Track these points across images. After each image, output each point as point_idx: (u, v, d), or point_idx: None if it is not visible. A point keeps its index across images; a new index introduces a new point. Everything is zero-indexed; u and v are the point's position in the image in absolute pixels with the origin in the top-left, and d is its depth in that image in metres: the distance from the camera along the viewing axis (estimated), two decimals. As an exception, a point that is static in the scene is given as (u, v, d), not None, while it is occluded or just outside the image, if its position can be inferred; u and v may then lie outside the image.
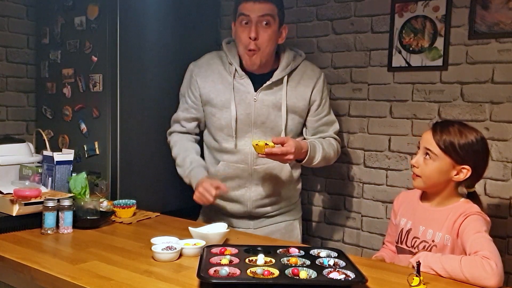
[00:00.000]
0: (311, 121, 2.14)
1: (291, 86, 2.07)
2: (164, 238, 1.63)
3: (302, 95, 2.09)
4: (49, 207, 1.78)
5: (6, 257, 1.52)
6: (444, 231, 1.65)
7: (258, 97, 2.05)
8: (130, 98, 2.44)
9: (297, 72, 2.10)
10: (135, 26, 2.44)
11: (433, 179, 1.68)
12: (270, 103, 2.05)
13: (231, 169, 2.09)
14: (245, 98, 2.05)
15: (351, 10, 2.58)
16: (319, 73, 2.15)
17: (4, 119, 2.74)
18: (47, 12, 2.66)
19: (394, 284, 1.38)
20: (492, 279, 1.38)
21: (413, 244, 1.73)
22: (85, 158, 2.49)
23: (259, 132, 2.07)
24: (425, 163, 1.68)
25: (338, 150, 2.19)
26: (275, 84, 2.06)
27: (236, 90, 2.06)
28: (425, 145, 1.68)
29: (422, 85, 2.38)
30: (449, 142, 1.64)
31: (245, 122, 2.06)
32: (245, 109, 2.05)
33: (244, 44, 2.00)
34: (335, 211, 2.71)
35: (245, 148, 2.06)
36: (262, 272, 1.30)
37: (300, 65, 2.12)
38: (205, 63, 2.16)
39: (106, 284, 1.32)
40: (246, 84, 2.06)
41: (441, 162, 1.65)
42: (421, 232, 1.72)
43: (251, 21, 1.97)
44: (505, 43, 2.16)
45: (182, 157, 2.14)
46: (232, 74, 2.07)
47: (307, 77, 2.11)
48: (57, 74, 2.61)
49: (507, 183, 2.19)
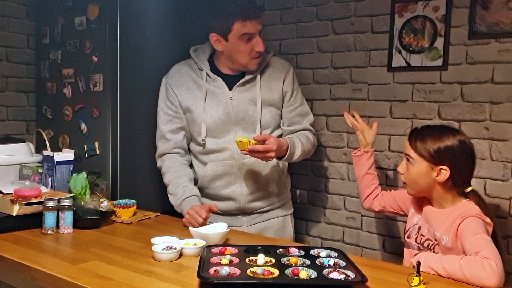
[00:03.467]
0: (285, 112, 2.22)
1: (264, 81, 2.16)
2: (164, 238, 1.63)
3: (275, 87, 2.18)
4: (49, 207, 1.78)
5: (6, 257, 1.52)
6: (442, 232, 1.67)
7: (234, 95, 2.12)
8: (130, 98, 2.44)
9: (268, 68, 2.18)
10: (135, 26, 2.44)
11: (418, 183, 1.73)
12: (246, 99, 2.13)
13: (220, 167, 2.15)
14: (221, 98, 2.12)
15: (351, 10, 2.58)
16: (288, 66, 2.25)
17: (4, 119, 2.74)
18: (47, 12, 2.66)
19: (394, 284, 1.38)
20: (492, 279, 1.38)
21: (420, 241, 1.77)
22: (85, 158, 2.49)
23: (240, 129, 2.13)
24: (407, 168, 1.75)
25: (314, 143, 2.26)
26: (248, 82, 2.13)
27: (211, 93, 2.13)
28: (405, 151, 1.76)
29: (422, 85, 2.38)
30: (422, 145, 1.69)
31: (225, 121, 2.13)
32: (223, 108, 2.12)
33: (250, 55, 2.08)
34: (335, 211, 2.71)
35: (230, 144, 2.12)
36: (262, 272, 1.30)
37: (269, 61, 2.19)
38: (176, 73, 2.20)
39: (106, 284, 1.32)
40: (220, 85, 2.13)
41: (419, 165, 1.70)
42: (426, 230, 1.76)
43: (255, 36, 2.05)
44: (505, 43, 2.16)
45: (174, 185, 2.12)
46: (204, 79, 2.13)
47: (277, 71, 2.19)
48: (57, 74, 2.61)
49: (507, 183, 2.19)
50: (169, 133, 2.17)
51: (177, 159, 2.18)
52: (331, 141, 2.68)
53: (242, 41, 2.04)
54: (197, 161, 2.22)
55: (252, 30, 2.03)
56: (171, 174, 2.14)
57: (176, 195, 2.09)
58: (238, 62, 2.10)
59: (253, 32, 2.04)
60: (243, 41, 2.04)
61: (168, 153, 2.18)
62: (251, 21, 2.02)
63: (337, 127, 2.66)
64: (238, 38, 2.04)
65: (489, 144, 2.22)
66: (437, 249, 1.68)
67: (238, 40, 2.04)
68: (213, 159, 2.15)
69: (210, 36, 2.10)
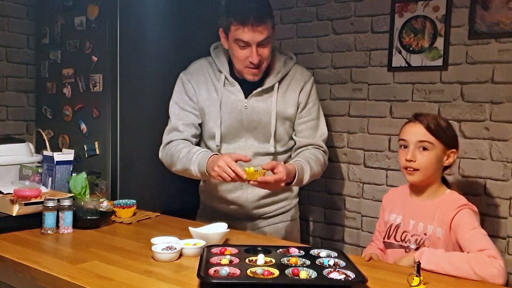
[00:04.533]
0: (296, 123, 2.10)
1: (281, 92, 2.05)
2: (164, 238, 1.63)
3: (291, 100, 2.06)
4: (49, 207, 1.78)
5: (6, 257, 1.52)
6: (435, 224, 1.69)
7: (249, 104, 2.02)
8: (130, 98, 2.44)
9: (287, 78, 2.07)
10: (135, 26, 2.44)
11: (431, 169, 1.73)
12: (261, 109, 2.03)
13: None
14: (236, 105, 2.03)
15: (351, 10, 2.58)
16: (308, 76, 2.12)
17: (4, 119, 2.74)
18: (47, 12, 2.66)
19: (394, 284, 1.38)
20: (501, 277, 1.44)
21: (403, 238, 1.76)
22: (85, 158, 2.49)
23: (251, 137, 2.06)
24: (421, 155, 1.73)
25: (325, 163, 2.13)
26: (266, 91, 2.03)
27: (226, 98, 2.03)
28: (418, 138, 1.73)
29: (422, 85, 2.38)
30: (440, 129, 1.74)
31: (237, 128, 2.05)
32: (236, 116, 2.03)
33: (244, 63, 1.95)
34: (335, 211, 2.71)
35: (239, 150, 2.04)
36: (262, 272, 1.30)
37: (291, 70, 2.08)
38: (196, 71, 2.10)
39: (106, 284, 1.32)
40: (237, 92, 2.03)
41: (437, 150, 1.73)
42: (411, 226, 1.76)
43: (250, 46, 1.91)
44: (505, 43, 2.16)
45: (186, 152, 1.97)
46: (222, 82, 2.04)
47: (295, 82, 2.07)
48: (57, 74, 2.61)
49: (507, 183, 2.19)
50: (182, 125, 2.06)
51: (185, 142, 2.05)
52: (331, 141, 2.68)
53: (237, 45, 1.93)
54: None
55: (245, 38, 1.89)
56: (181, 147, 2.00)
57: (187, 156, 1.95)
58: (236, 66, 2.00)
59: (246, 41, 1.89)
60: (238, 46, 1.93)
61: (174, 140, 2.06)
62: (246, 27, 1.87)
63: (337, 127, 2.66)
64: (233, 41, 1.93)
65: (489, 144, 2.22)
66: (427, 243, 1.69)
67: (234, 43, 1.93)
68: None
69: (219, 31, 2.01)
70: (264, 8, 1.94)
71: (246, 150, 2.04)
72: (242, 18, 1.87)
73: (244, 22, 1.86)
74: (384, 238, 1.84)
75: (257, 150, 2.06)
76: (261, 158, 2.05)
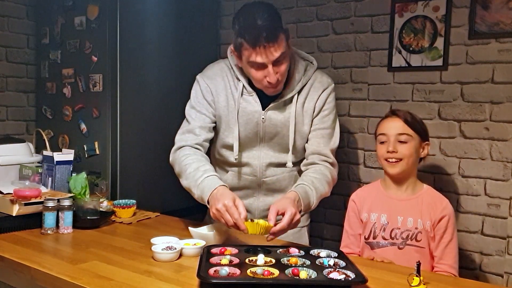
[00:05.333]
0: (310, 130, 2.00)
1: (300, 103, 1.95)
2: (164, 238, 1.63)
3: (308, 111, 1.96)
4: (49, 207, 1.78)
5: (6, 257, 1.52)
6: (424, 218, 1.79)
7: (266, 116, 1.93)
8: (130, 98, 2.44)
9: (307, 86, 1.97)
10: (135, 26, 2.44)
11: (412, 158, 1.85)
12: (279, 122, 1.94)
13: (240, 180, 2.02)
14: (252, 117, 1.93)
15: (351, 10, 2.58)
16: (327, 84, 2.00)
17: (4, 119, 2.74)
18: (47, 12, 2.66)
19: (394, 284, 1.38)
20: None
21: (393, 235, 1.81)
22: (85, 158, 2.49)
23: (266, 147, 1.98)
24: (402, 146, 1.84)
25: (333, 179, 1.96)
26: (284, 103, 1.93)
27: (243, 109, 1.94)
28: (397, 131, 1.86)
29: (422, 85, 2.38)
30: (416, 122, 1.89)
31: (253, 139, 1.97)
32: (252, 128, 1.95)
33: (262, 83, 1.84)
34: (335, 211, 2.71)
35: (253, 161, 1.99)
36: (262, 272, 1.30)
37: (310, 78, 1.97)
38: (216, 75, 1.98)
39: (106, 284, 1.32)
40: (254, 102, 1.93)
41: (415, 141, 1.87)
42: (400, 222, 1.82)
43: (266, 66, 1.78)
44: (505, 43, 2.16)
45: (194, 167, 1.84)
46: (240, 91, 1.93)
47: (314, 90, 1.97)
48: (57, 74, 2.61)
49: (507, 183, 2.19)
50: (199, 128, 1.95)
51: (197, 151, 1.93)
52: (331, 141, 2.68)
53: (252, 67, 1.81)
54: (218, 166, 2.08)
55: (259, 60, 1.76)
56: (190, 158, 1.87)
57: (195, 176, 1.81)
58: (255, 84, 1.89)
59: (261, 62, 1.76)
60: (253, 68, 1.81)
61: (188, 146, 1.93)
62: (259, 50, 1.74)
63: (337, 127, 2.66)
64: (247, 63, 1.81)
65: (489, 144, 2.22)
66: (420, 237, 1.78)
67: (248, 65, 1.81)
68: (234, 170, 2.02)
69: (230, 49, 1.90)
70: (274, 22, 1.78)
71: (260, 160, 1.98)
72: (253, 41, 1.73)
73: (256, 44, 1.74)
74: (368, 238, 1.86)
75: (272, 160, 1.98)
76: (274, 169, 2.00)
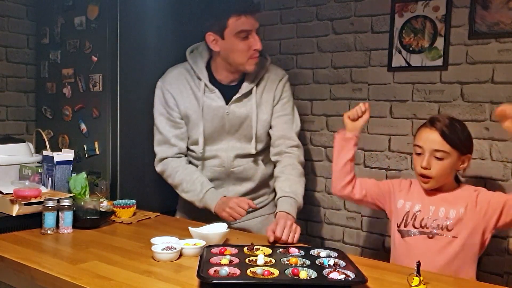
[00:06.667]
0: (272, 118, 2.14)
1: (259, 94, 2.10)
2: (164, 238, 1.63)
3: (268, 100, 2.12)
4: (49, 207, 1.78)
5: (6, 257, 1.52)
6: (458, 207, 1.75)
7: (230, 110, 2.07)
8: (130, 98, 2.44)
9: (264, 79, 2.12)
10: (135, 26, 2.44)
11: (445, 175, 1.77)
12: (242, 114, 2.08)
13: (209, 172, 2.14)
14: (217, 112, 2.07)
15: (351, 10, 2.58)
16: (282, 75, 2.17)
17: (4, 119, 2.74)
18: (47, 12, 2.66)
19: (394, 284, 1.38)
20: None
21: (423, 225, 1.80)
22: (85, 158, 2.49)
23: (233, 139, 2.11)
24: (436, 163, 1.75)
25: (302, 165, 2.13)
26: (245, 96, 2.08)
27: (208, 106, 2.07)
28: (434, 147, 1.74)
29: (422, 85, 2.38)
30: (457, 138, 1.75)
31: (220, 131, 2.10)
32: (219, 121, 2.08)
33: (248, 54, 2.01)
34: (335, 211, 2.71)
35: (221, 153, 2.11)
36: (262, 272, 1.30)
37: (266, 70, 2.13)
38: (174, 79, 2.12)
39: (106, 284, 1.32)
40: (217, 98, 2.07)
41: (452, 158, 1.75)
42: (432, 212, 1.80)
43: (251, 33, 1.99)
44: (505, 43, 2.16)
45: (188, 182, 2.07)
46: (202, 90, 2.07)
47: (271, 82, 2.13)
48: (57, 74, 2.61)
49: (507, 183, 2.19)
50: (174, 138, 2.12)
51: (182, 160, 2.14)
52: (331, 141, 2.67)
53: (238, 38, 1.98)
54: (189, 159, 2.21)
55: (248, 27, 1.97)
56: (181, 172, 2.09)
57: (195, 190, 2.05)
58: (235, 62, 2.04)
59: (249, 29, 1.97)
60: (239, 39, 1.98)
61: (170, 157, 2.13)
62: (247, 16, 1.96)
63: (337, 127, 2.65)
64: (234, 34, 1.97)
65: (489, 144, 2.22)
66: (451, 226, 1.75)
67: (234, 37, 1.98)
68: (204, 163, 2.14)
69: (207, 36, 2.04)
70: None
71: (228, 152, 2.11)
72: (242, 8, 1.95)
73: (245, 11, 1.95)
74: (399, 226, 1.86)
75: (239, 151, 2.11)
76: (241, 159, 2.12)
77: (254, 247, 1.53)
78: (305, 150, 2.73)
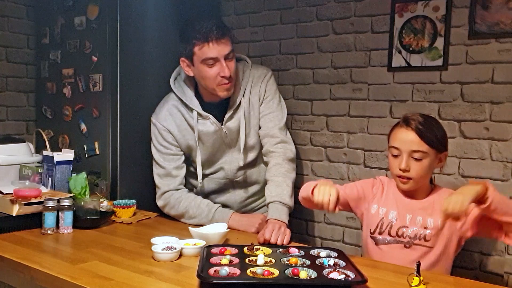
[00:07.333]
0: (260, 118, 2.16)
1: (246, 102, 2.10)
2: (164, 238, 1.64)
3: (255, 102, 2.13)
4: (49, 207, 1.78)
5: (6, 257, 1.52)
6: (435, 216, 1.70)
7: (226, 127, 2.09)
8: (130, 98, 2.44)
9: (248, 85, 2.11)
10: (135, 26, 2.44)
11: (424, 176, 1.74)
12: (237, 127, 2.10)
13: (214, 184, 2.20)
14: (215, 135, 2.09)
15: (351, 10, 2.58)
16: (264, 73, 2.16)
17: (4, 119, 2.74)
18: (47, 12, 2.66)
19: (394, 284, 1.38)
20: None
21: (400, 234, 1.75)
22: (85, 158, 2.49)
23: (235, 150, 2.14)
24: (415, 165, 1.71)
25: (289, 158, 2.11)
26: (235, 110, 2.09)
27: (206, 133, 2.08)
28: (411, 147, 1.70)
29: (422, 85, 2.38)
30: (434, 137, 1.71)
31: (221, 148, 2.14)
32: (219, 142, 2.11)
33: (216, 81, 1.98)
34: (335, 211, 2.71)
35: (224, 165, 2.15)
36: (262, 272, 1.30)
37: (249, 76, 2.12)
38: (168, 115, 2.12)
39: (106, 284, 1.32)
40: (211, 124, 2.08)
41: (430, 157, 1.71)
42: (409, 221, 1.75)
43: (218, 60, 1.94)
44: (505, 43, 2.16)
45: (193, 207, 2.06)
46: (195, 119, 2.07)
47: (255, 85, 2.13)
48: (57, 74, 2.61)
49: (507, 183, 2.19)
50: (174, 169, 2.13)
51: (183, 191, 2.13)
52: (331, 141, 2.68)
53: (205, 65, 1.95)
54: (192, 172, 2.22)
55: (213, 55, 1.92)
56: (184, 201, 2.08)
57: (202, 213, 2.04)
58: (208, 88, 2.02)
59: (214, 57, 1.92)
60: (206, 66, 1.95)
61: (172, 190, 2.12)
62: (211, 44, 1.90)
63: (337, 127, 2.66)
64: (201, 62, 1.95)
65: (489, 144, 2.22)
66: (429, 236, 1.70)
67: (202, 64, 1.95)
68: (209, 177, 2.20)
69: (181, 61, 2.03)
70: (222, 23, 2.01)
71: (231, 164, 2.15)
72: (205, 35, 1.90)
73: (208, 37, 1.90)
74: (373, 233, 1.81)
75: (241, 162, 2.13)
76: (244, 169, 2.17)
77: (254, 247, 1.54)
78: (305, 150, 2.74)
